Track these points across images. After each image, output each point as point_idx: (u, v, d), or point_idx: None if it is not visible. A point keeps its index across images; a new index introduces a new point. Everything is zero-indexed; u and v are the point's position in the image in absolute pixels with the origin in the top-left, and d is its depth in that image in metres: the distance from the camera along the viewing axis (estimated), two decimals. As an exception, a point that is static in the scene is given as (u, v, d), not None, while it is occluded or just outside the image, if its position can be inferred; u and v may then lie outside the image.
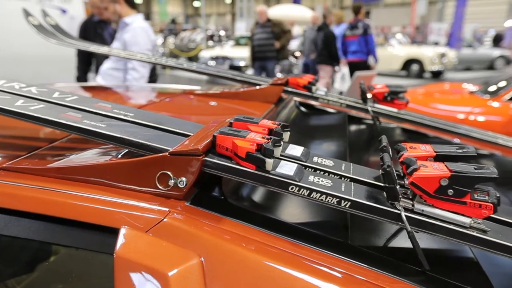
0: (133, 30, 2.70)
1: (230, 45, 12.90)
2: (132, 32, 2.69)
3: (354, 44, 6.45)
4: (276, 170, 0.66)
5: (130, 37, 2.68)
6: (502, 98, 3.60)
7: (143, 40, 2.73)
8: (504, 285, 0.68)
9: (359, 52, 6.43)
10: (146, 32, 2.78)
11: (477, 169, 0.59)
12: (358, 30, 6.36)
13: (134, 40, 2.68)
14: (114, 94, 1.68)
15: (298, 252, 0.62)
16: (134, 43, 2.68)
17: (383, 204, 0.62)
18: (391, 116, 1.38)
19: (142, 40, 2.72)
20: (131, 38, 2.68)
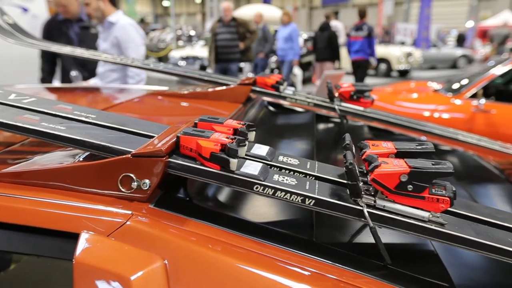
0: (123, 28, 2.75)
1: (201, 45, 12.81)
2: (122, 30, 2.74)
3: (357, 44, 7.11)
4: (241, 170, 0.65)
5: (122, 35, 2.73)
6: (464, 95, 3.73)
7: (135, 36, 2.80)
8: (461, 275, 0.70)
9: (361, 51, 7.08)
10: (135, 28, 2.85)
11: (434, 164, 0.61)
12: (363, 32, 7.05)
13: (127, 38, 2.74)
14: (78, 95, 1.63)
15: (264, 251, 0.62)
16: (128, 40, 2.74)
17: (346, 201, 0.63)
18: (358, 114, 1.41)
19: (134, 36, 2.80)
20: (124, 36, 2.73)
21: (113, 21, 2.79)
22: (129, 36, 2.77)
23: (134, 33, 2.83)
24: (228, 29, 6.11)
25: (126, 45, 2.75)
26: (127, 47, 2.76)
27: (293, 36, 7.19)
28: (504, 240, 0.61)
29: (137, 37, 2.84)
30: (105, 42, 2.84)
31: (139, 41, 2.85)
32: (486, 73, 3.80)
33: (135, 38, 2.82)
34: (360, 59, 7.19)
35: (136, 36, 2.84)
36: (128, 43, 2.75)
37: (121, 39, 2.75)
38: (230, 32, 6.12)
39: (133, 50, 2.80)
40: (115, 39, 2.76)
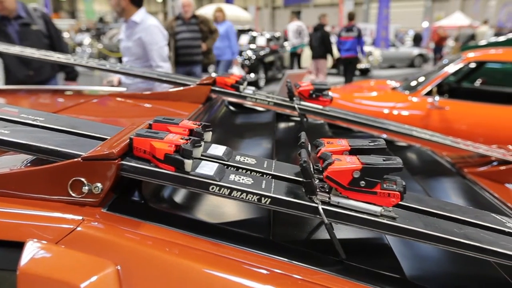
0: (148, 29, 2.89)
1: (163, 44, 12.59)
2: (147, 31, 2.87)
3: (348, 43, 8.21)
4: (196, 170, 0.65)
5: (146, 36, 2.86)
6: (420, 93, 3.87)
7: (159, 38, 2.93)
8: (412, 266, 0.73)
9: (351, 50, 8.22)
10: (160, 29, 2.97)
11: (385, 160, 0.63)
12: (353, 33, 8.20)
13: (151, 40, 2.87)
14: (28, 98, 1.56)
15: (221, 252, 0.62)
16: (153, 42, 2.87)
17: (301, 198, 0.64)
18: (317, 113, 1.43)
19: (158, 38, 2.92)
20: (148, 38, 2.86)
21: (138, 21, 2.88)
22: (153, 38, 2.89)
23: (158, 34, 2.95)
24: (189, 27, 5.29)
25: (151, 47, 2.88)
26: (152, 49, 2.89)
27: (230, 34, 6.91)
28: (451, 231, 0.64)
29: (161, 39, 2.96)
30: (128, 41, 2.95)
31: (162, 43, 2.97)
32: (440, 71, 3.97)
33: (159, 40, 2.93)
34: (351, 57, 8.29)
35: (160, 38, 2.95)
36: (152, 45, 2.88)
37: (146, 40, 2.87)
38: (192, 30, 5.31)
39: (156, 52, 2.92)
40: (139, 40, 2.86)
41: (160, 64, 2.92)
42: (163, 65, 2.94)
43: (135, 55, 2.95)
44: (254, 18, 21.53)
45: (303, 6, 29.60)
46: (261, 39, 11.30)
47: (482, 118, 3.58)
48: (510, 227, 0.71)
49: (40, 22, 3.11)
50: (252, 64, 9.55)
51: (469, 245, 0.62)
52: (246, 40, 11.28)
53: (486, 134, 3.44)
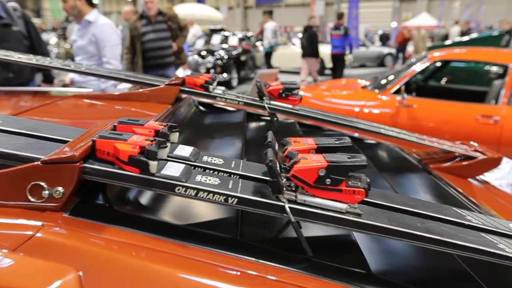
0: (101, 27, 2.96)
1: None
2: (100, 29, 2.95)
3: (336, 41, 9.26)
4: (162, 172, 0.64)
5: (99, 34, 2.94)
6: (389, 91, 3.96)
7: (112, 36, 3.02)
8: (378, 261, 0.74)
9: (339, 47, 9.24)
10: (113, 28, 3.07)
11: (350, 158, 0.64)
12: (340, 31, 9.11)
13: (104, 37, 2.95)
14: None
15: (188, 254, 0.61)
16: (106, 40, 2.96)
17: (268, 197, 0.64)
18: (287, 112, 1.44)
19: (111, 36, 3.02)
20: (101, 36, 2.94)
21: (92, 20, 2.96)
22: (106, 36, 2.98)
23: (112, 33, 3.04)
24: (155, 26, 4.62)
25: (103, 44, 2.96)
26: (104, 46, 2.97)
27: None
28: (413, 225, 0.65)
29: (114, 37, 3.05)
30: (82, 40, 3.01)
31: (116, 41, 3.06)
32: (408, 70, 4.07)
33: (113, 38, 3.02)
34: (339, 53, 9.36)
35: (113, 36, 3.04)
36: (105, 42, 2.96)
37: (99, 37, 2.95)
38: (160, 30, 4.66)
39: (109, 49, 3.00)
40: (93, 37, 2.96)
41: (111, 61, 2.98)
42: (113, 62, 3.00)
43: (89, 54, 3.00)
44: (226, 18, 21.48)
45: (274, 6, 29.75)
46: (233, 38, 11.29)
47: (448, 115, 3.70)
48: (469, 220, 0.73)
49: (20, 22, 3.05)
50: (224, 64, 9.53)
51: (431, 239, 0.63)
52: (218, 40, 11.24)
53: (452, 130, 3.56)
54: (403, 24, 19.02)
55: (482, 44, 7.28)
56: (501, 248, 0.64)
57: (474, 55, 4.42)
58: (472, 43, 7.77)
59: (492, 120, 3.35)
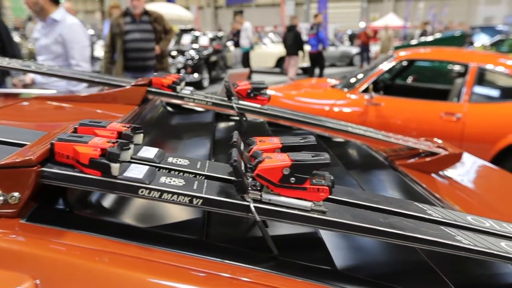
0: (70, 27, 2.85)
1: (100, 45, 12.07)
2: (69, 29, 2.84)
3: (312, 40, 9.89)
4: (124, 174, 0.63)
5: (68, 34, 2.82)
6: (358, 90, 4.04)
7: (81, 37, 2.91)
8: (343, 257, 0.76)
9: (314, 46, 9.90)
10: (82, 28, 2.94)
11: (314, 156, 0.64)
12: (313, 31, 9.78)
13: (73, 38, 2.84)
14: None
15: (153, 257, 0.60)
16: (74, 41, 2.84)
17: (233, 197, 0.64)
18: (255, 112, 1.44)
19: (81, 37, 2.90)
20: (70, 36, 2.83)
21: (58, 19, 2.83)
22: (75, 36, 2.86)
23: (81, 33, 2.92)
24: (140, 26, 4.30)
25: (72, 45, 2.84)
26: (73, 47, 2.85)
27: None
28: (377, 221, 0.67)
29: (83, 38, 2.93)
30: (46, 38, 2.87)
31: (85, 42, 2.95)
32: (375, 69, 4.17)
33: (82, 39, 2.91)
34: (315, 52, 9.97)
35: (82, 37, 2.93)
36: (74, 44, 2.84)
37: (67, 38, 2.83)
38: (144, 30, 4.32)
39: (78, 51, 2.88)
40: (60, 37, 2.83)
41: (81, 63, 2.89)
42: (83, 65, 2.90)
43: (54, 54, 2.88)
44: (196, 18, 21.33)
45: (245, 6, 29.82)
46: (204, 38, 11.22)
47: (414, 113, 3.81)
48: (430, 214, 0.76)
49: None
50: (195, 64, 9.45)
51: (393, 233, 0.65)
52: (188, 40, 11.14)
53: (418, 128, 3.67)
54: (371, 24, 19.46)
55: (446, 44, 7.55)
56: (458, 240, 0.66)
57: (438, 55, 4.58)
58: (436, 43, 8.04)
59: (455, 117, 3.48)
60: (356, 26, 25.70)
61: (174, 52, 9.79)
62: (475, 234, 0.71)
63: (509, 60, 3.84)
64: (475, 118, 3.46)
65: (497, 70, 3.73)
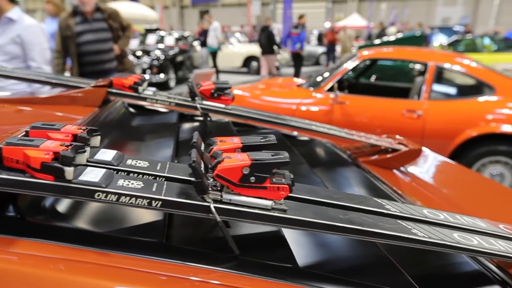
0: (29, 28, 2.75)
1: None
2: (28, 31, 2.74)
3: (295, 39, 10.16)
4: (79, 178, 0.61)
5: (27, 35, 2.72)
6: (323, 89, 4.11)
7: (42, 39, 2.82)
8: (305, 254, 0.77)
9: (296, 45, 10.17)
10: (42, 30, 2.86)
11: (273, 155, 0.65)
12: (298, 30, 10.09)
13: (33, 40, 2.74)
14: None
15: (111, 261, 0.59)
16: (34, 43, 2.74)
17: (193, 198, 0.64)
18: (219, 112, 1.43)
19: (41, 39, 2.82)
20: (29, 37, 2.73)
21: (15, 18, 2.73)
22: (35, 38, 2.77)
23: (41, 35, 2.83)
24: (93, 25, 3.77)
25: (32, 47, 2.74)
26: (33, 49, 2.74)
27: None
28: (336, 217, 0.68)
29: (43, 40, 2.84)
30: (0, 38, 2.75)
31: (45, 44, 2.85)
32: (340, 68, 4.25)
33: (42, 41, 2.82)
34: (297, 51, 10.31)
35: (43, 39, 2.84)
36: (34, 46, 2.75)
37: (26, 40, 2.73)
38: (99, 29, 3.80)
39: (39, 53, 2.78)
40: (18, 38, 2.73)
41: (42, 66, 2.80)
42: (44, 67, 2.82)
43: (10, 54, 2.76)
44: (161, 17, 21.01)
45: (211, 5, 29.66)
46: (170, 38, 11.06)
47: (377, 111, 3.91)
48: (388, 209, 0.78)
49: None
50: (161, 64, 9.31)
51: (352, 229, 0.66)
52: (153, 40, 10.95)
53: (382, 125, 3.77)
54: (336, 24, 19.83)
55: (407, 43, 7.79)
56: (414, 233, 0.68)
57: (399, 54, 4.72)
58: (398, 42, 8.29)
59: (415, 114, 3.60)
60: (321, 26, 26.13)
61: (139, 52, 9.60)
62: (430, 227, 0.74)
63: (465, 59, 4.02)
64: (434, 115, 3.59)
65: (454, 69, 3.89)
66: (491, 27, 20.71)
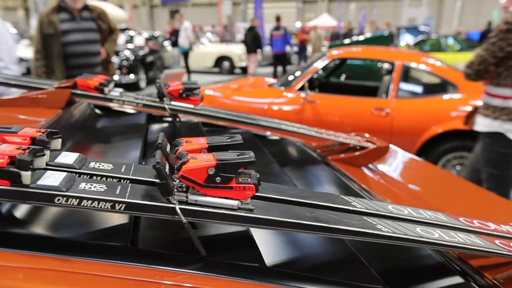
0: None
1: (25, 44, 11.26)
2: None
3: (278, 41, 10.52)
4: (38, 182, 0.59)
5: None
6: (294, 88, 4.14)
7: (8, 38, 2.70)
8: (273, 253, 0.77)
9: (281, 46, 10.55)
10: (7, 28, 2.73)
11: (239, 155, 0.65)
12: (280, 31, 10.51)
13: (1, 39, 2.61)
14: None
15: (74, 268, 0.57)
16: (1, 41, 2.61)
17: (158, 200, 0.63)
18: (188, 112, 1.42)
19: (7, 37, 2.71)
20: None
21: None
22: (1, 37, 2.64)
23: (6, 33, 2.69)
24: (81, 24, 3.37)
25: None
26: (0, 48, 2.61)
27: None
28: (303, 215, 0.69)
29: (9, 38, 2.72)
30: None
31: (11, 43, 2.74)
32: (310, 68, 4.29)
33: (8, 40, 2.69)
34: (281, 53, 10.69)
35: (8, 37, 2.71)
36: (0, 45, 2.61)
37: None
38: (88, 29, 3.41)
39: (6, 52, 2.64)
40: None
41: (10, 65, 2.67)
42: (12, 67, 2.69)
43: None
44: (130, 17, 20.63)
45: (181, 5, 29.38)
46: (139, 38, 10.88)
47: (347, 109, 3.98)
48: (354, 206, 0.80)
49: None
50: (130, 64, 9.14)
51: (318, 226, 0.67)
52: (123, 40, 10.74)
53: (352, 123, 3.84)
54: (307, 24, 20.04)
55: (375, 43, 7.97)
56: (379, 228, 0.70)
57: (368, 54, 4.82)
58: (367, 42, 8.46)
59: (384, 112, 3.68)
60: (292, 26, 26.36)
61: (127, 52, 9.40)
62: (394, 222, 0.76)
63: (430, 59, 4.15)
64: (401, 113, 3.69)
65: (420, 68, 4.01)
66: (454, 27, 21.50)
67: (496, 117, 2.33)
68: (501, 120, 2.32)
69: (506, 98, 2.31)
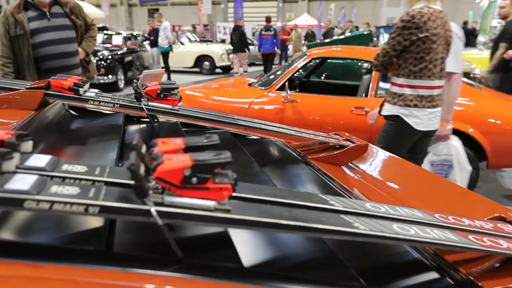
0: None
1: None
2: None
3: (267, 40, 11.16)
4: (5, 186, 0.57)
5: None
6: (274, 88, 4.15)
7: None
8: (250, 253, 0.77)
9: (270, 46, 11.20)
10: None
11: (215, 156, 0.64)
12: (271, 32, 11.17)
13: None
14: None
15: (43, 274, 0.56)
16: None
17: (133, 203, 0.62)
18: (166, 113, 1.41)
19: None
20: None
21: None
22: None
23: None
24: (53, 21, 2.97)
25: None
26: None
27: None
28: (281, 215, 0.69)
29: None
30: None
31: None
32: (290, 67, 4.31)
33: None
34: (269, 52, 11.26)
35: None
36: None
37: None
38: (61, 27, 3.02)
39: None
40: None
41: None
42: None
43: None
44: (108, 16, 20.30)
45: (160, 4, 29.10)
46: (118, 38, 10.73)
47: (327, 108, 4.01)
48: (332, 204, 0.80)
49: None
50: (108, 64, 9.00)
51: (296, 226, 0.67)
52: (100, 39, 10.57)
53: (333, 122, 3.87)
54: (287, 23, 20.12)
55: (355, 42, 8.06)
56: (356, 226, 0.70)
57: (347, 53, 4.87)
58: (346, 41, 8.56)
59: (363, 111, 3.73)
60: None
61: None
62: (371, 220, 0.77)
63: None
64: (381, 112, 3.74)
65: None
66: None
67: (395, 103, 2.72)
68: (398, 105, 2.70)
69: (402, 86, 2.67)
